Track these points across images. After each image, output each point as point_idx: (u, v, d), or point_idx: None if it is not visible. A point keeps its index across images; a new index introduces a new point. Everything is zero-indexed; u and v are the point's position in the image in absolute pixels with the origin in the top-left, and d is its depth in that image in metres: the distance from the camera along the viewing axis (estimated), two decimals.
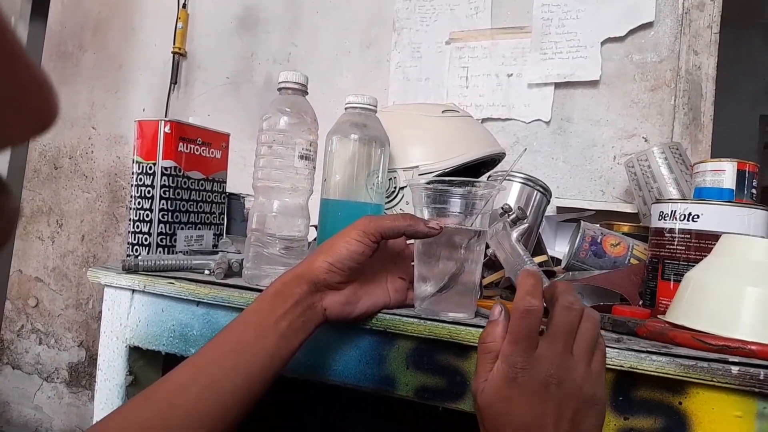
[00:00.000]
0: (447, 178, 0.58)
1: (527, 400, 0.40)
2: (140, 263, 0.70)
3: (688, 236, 0.62)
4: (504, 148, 0.89)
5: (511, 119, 1.33)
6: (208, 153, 0.87)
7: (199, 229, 0.86)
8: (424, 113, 0.86)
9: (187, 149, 0.82)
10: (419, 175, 0.78)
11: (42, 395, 1.90)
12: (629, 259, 0.79)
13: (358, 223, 0.52)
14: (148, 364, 0.74)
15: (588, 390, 0.41)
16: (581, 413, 0.40)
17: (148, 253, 0.79)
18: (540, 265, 0.69)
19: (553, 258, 0.97)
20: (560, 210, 1.20)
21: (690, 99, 1.18)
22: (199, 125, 0.85)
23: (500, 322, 0.44)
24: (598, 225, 0.88)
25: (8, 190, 0.19)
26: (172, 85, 1.71)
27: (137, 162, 0.80)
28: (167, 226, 0.80)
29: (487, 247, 0.68)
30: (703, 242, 0.61)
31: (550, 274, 0.77)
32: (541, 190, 0.85)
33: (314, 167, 0.70)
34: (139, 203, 0.80)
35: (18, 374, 1.94)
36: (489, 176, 0.93)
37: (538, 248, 0.89)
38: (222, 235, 0.92)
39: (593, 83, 1.26)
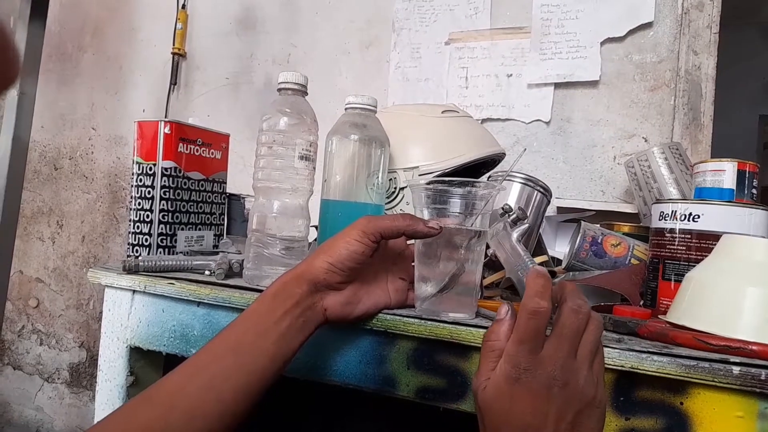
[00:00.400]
0: (447, 179, 0.58)
1: (529, 401, 0.40)
2: (141, 264, 0.70)
3: (689, 236, 0.62)
4: (504, 149, 0.89)
5: (510, 119, 1.33)
6: (208, 153, 0.87)
7: (200, 229, 0.86)
8: (424, 114, 0.86)
9: (187, 150, 0.82)
10: (419, 175, 0.78)
11: (43, 396, 1.90)
12: (630, 260, 0.79)
13: (357, 223, 0.52)
14: (148, 364, 0.74)
15: (590, 392, 0.41)
16: (582, 415, 0.40)
17: (148, 253, 0.79)
18: (540, 265, 0.69)
19: (553, 258, 0.97)
20: (560, 210, 1.20)
21: (690, 99, 1.18)
22: (199, 126, 0.85)
23: (506, 321, 0.43)
24: (598, 225, 0.88)
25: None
26: (172, 86, 1.71)
27: (137, 163, 0.80)
28: (167, 226, 0.80)
29: (488, 247, 0.68)
30: (704, 242, 0.61)
31: (551, 275, 0.77)
32: (541, 190, 0.85)
33: (314, 168, 0.70)
34: (139, 204, 0.80)
35: (19, 375, 1.93)
36: (489, 176, 0.93)
37: (539, 248, 0.89)
38: (222, 235, 0.92)
39: (593, 83, 1.26)
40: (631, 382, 0.49)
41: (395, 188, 0.79)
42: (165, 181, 0.79)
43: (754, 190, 0.78)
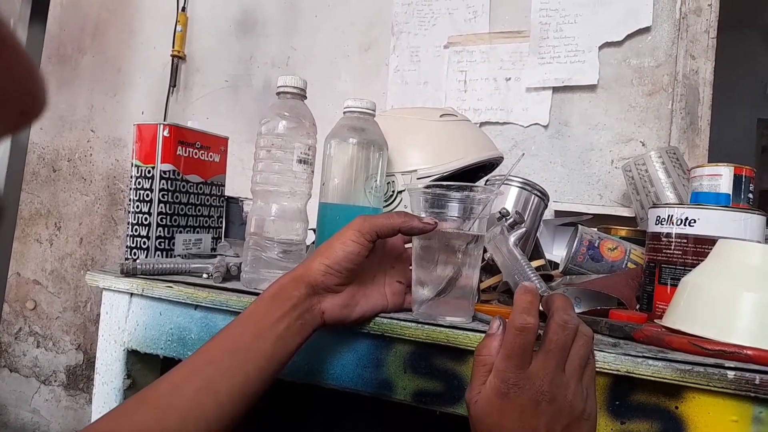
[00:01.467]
0: (445, 183, 0.58)
1: (518, 415, 0.41)
2: (138, 267, 0.71)
3: (685, 241, 0.62)
4: (502, 152, 0.89)
5: (509, 123, 1.33)
6: (207, 157, 0.87)
7: (198, 232, 0.86)
8: (423, 117, 0.86)
9: (185, 153, 0.82)
10: (417, 179, 0.79)
11: (39, 398, 1.89)
12: (626, 263, 0.80)
13: (353, 223, 0.52)
14: (146, 367, 0.74)
15: (579, 406, 0.42)
16: (571, 429, 0.41)
17: (146, 256, 0.79)
18: (537, 269, 0.69)
19: (550, 262, 0.98)
20: (558, 214, 1.20)
21: (687, 103, 1.18)
22: (198, 129, 0.85)
23: (497, 336, 0.44)
24: (595, 229, 0.88)
25: None
26: (171, 88, 1.71)
27: (136, 165, 0.80)
28: (166, 229, 0.80)
29: (485, 251, 0.68)
30: (700, 247, 0.61)
31: (548, 278, 0.78)
32: (538, 194, 0.85)
33: (313, 171, 0.70)
34: (137, 207, 0.80)
35: (15, 377, 1.93)
36: (487, 180, 0.93)
37: (536, 252, 0.90)
38: (220, 238, 0.92)
39: (591, 87, 1.26)
40: (626, 387, 0.49)
41: (393, 191, 0.80)
42: (163, 184, 0.79)
43: (750, 195, 0.78)
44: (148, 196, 0.79)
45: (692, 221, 0.62)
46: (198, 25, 1.71)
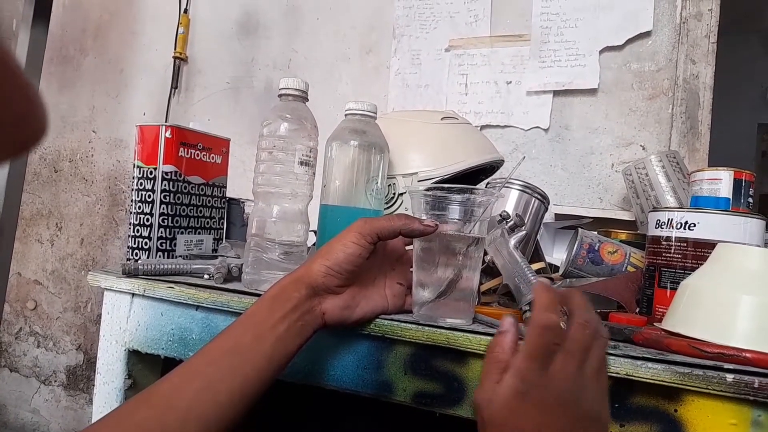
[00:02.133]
0: (446, 185, 0.58)
1: (538, 417, 0.39)
2: (140, 267, 0.71)
3: (685, 244, 0.63)
4: (502, 155, 0.90)
5: (509, 126, 1.34)
6: (209, 158, 0.87)
7: (199, 233, 0.86)
8: (424, 120, 0.86)
9: (187, 154, 0.82)
10: (418, 181, 0.79)
11: (39, 398, 1.89)
12: (626, 267, 0.80)
13: (354, 225, 0.53)
14: (147, 368, 0.74)
15: (596, 409, 0.40)
16: (588, 431, 0.40)
17: (148, 257, 0.79)
18: (537, 272, 0.69)
19: (551, 265, 0.98)
20: (558, 217, 1.20)
21: (687, 108, 1.18)
22: (200, 130, 0.86)
23: (510, 333, 0.42)
24: (595, 232, 0.88)
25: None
26: (173, 90, 1.72)
27: (138, 167, 0.81)
28: (167, 230, 0.80)
29: (485, 253, 0.68)
30: (700, 250, 0.61)
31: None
32: (539, 197, 0.85)
33: (314, 173, 0.70)
34: (139, 207, 0.80)
35: (16, 377, 1.93)
36: (487, 183, 0.94)
37: (536, 255, 0.90)
38: (222, 239, 0.92)
39: (591, 91, 1.26)
40: (626, 389, 0.49)
41: (394, 194, 0.80)
42: (165, 185, 0.80)
43: (750, 199, 0.78)
44: (149, 197, 0.80)
45: (692, 225, 0.62)
46: (200, 27, 1.72)
